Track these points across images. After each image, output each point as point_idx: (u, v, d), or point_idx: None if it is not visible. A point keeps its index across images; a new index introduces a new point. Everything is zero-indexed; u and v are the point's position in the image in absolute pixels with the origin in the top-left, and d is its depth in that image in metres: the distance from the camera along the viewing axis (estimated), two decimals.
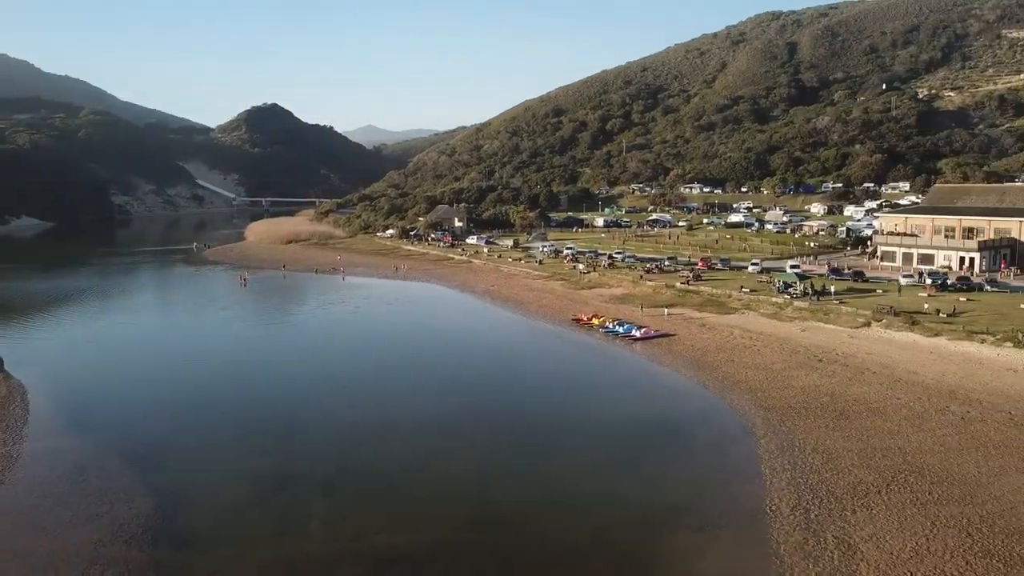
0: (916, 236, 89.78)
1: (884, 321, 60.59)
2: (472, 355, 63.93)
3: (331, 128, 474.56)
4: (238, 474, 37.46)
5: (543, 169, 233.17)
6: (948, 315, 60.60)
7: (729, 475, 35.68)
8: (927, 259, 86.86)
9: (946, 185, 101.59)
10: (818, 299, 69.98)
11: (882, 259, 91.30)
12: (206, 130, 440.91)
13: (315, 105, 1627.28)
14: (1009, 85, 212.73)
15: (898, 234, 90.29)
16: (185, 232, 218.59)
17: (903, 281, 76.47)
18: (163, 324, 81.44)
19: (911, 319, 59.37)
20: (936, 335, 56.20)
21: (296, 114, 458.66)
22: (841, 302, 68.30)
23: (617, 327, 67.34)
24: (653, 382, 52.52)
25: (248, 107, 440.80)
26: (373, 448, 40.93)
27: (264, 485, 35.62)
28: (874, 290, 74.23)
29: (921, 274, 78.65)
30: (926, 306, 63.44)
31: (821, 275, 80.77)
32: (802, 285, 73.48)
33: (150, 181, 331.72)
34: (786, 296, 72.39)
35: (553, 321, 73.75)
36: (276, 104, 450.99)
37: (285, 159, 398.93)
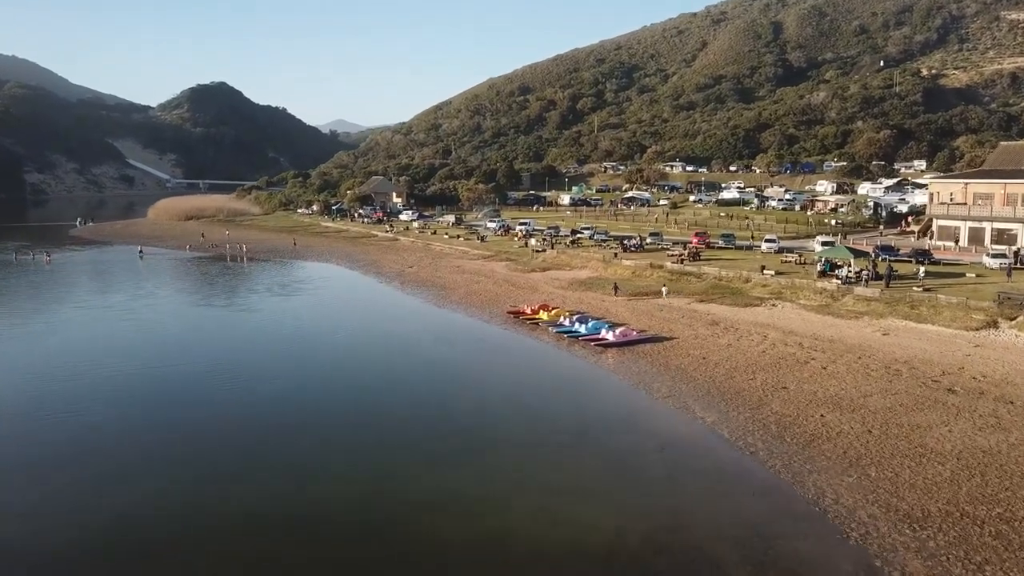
0: (985, 206, 66.02)
1: (1022, 319, 36.12)
2: (336, 385, 37.02)
3: (284, 110, 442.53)
4: None
5: (505, 148, 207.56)
6: None
7: None
8: (1004, 237, 63.07)
9: (1018, 142, 78.43)
10: (887, 285, 45.48)
11: (938, 237, 67.48)
12: (145, 108, 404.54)
13: (286, 98, 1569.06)
14: (1016, 64, 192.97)
15: (965, 204, 66.28)
16: (105, 212, 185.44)
17: (990, 263, 52.63)
18: None
19: None
20: None
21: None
22: (926, 289, 43.83)
23: (577, 324, 42.10)
24: (641, 438, 27.00)
25: (193, 84, 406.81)
26: None
27: None
28: (962, 274, 49.87)
29: (1017, 253, 54.77)
30: None
31: (865, 254, 56.36)
32: (856, 266, 48.94)
33: (73, 159, 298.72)
34: (835, 280, 47.73)
35: (481, 315, 48.14)
36: (224, 82, 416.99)
37: (230, 140, 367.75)
